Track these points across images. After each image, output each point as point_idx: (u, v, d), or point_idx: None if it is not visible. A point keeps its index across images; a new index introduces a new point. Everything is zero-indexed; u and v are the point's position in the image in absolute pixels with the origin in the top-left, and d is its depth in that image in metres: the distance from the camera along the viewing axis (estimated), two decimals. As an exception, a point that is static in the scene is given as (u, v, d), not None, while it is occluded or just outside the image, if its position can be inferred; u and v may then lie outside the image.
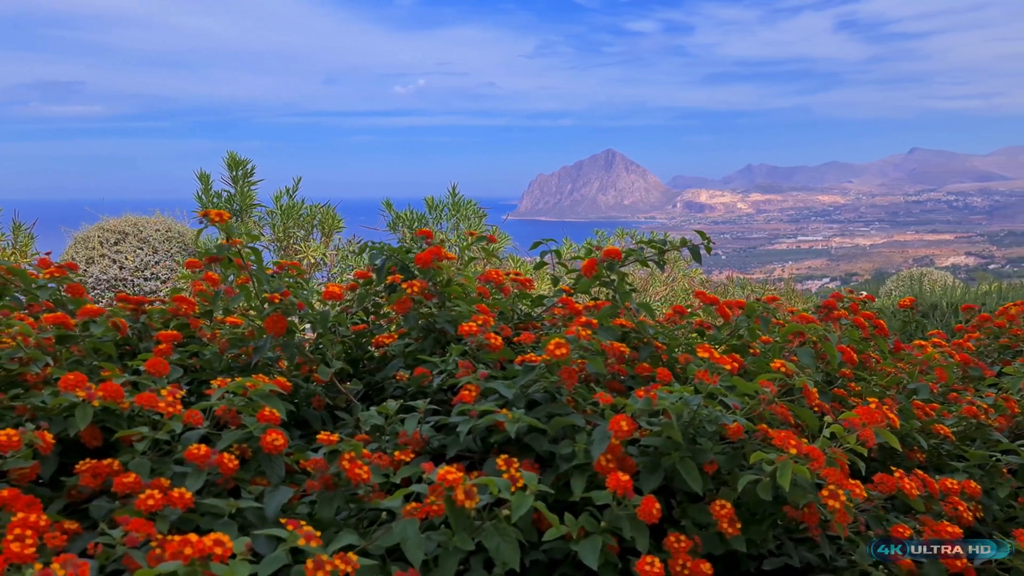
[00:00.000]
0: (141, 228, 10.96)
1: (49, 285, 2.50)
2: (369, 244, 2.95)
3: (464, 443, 2.09)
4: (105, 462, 1.97)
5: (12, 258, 10.42)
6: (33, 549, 1.49)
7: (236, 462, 1.90)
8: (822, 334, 2.31)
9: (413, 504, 1.78)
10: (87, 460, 1.97)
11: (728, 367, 2.01)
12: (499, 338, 2.26)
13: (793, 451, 1.76)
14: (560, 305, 2.72)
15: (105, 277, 10.25)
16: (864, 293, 3.26)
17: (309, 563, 1.58)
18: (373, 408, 2.23)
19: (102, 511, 1.90)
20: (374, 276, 2.92)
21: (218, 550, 1.46)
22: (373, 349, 2.85)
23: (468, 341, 2.28)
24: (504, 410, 2.02)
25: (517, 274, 2.90)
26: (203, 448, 1.87)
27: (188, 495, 1.75)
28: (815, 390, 2.05)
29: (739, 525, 1.89)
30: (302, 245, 11.14)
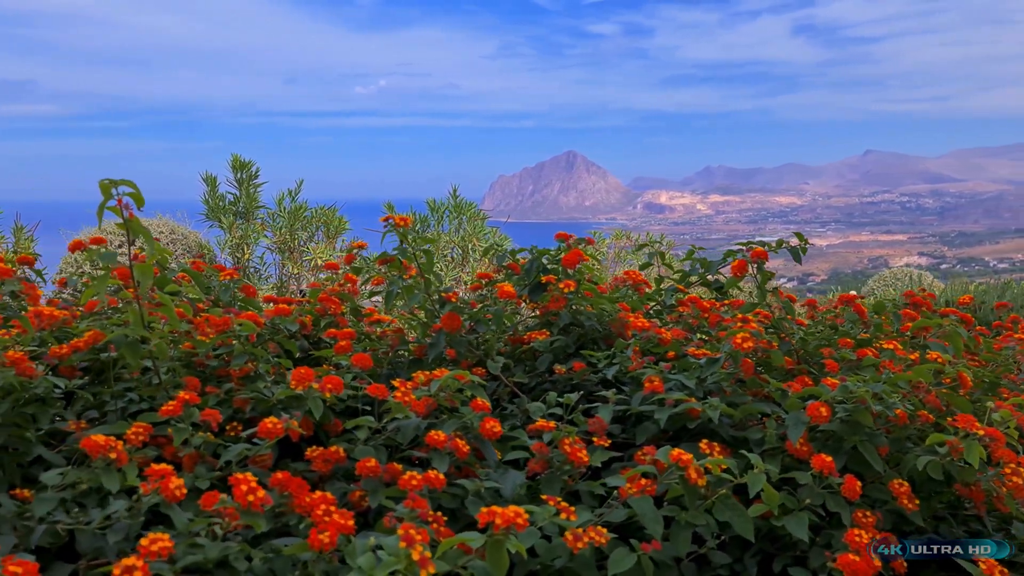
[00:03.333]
0: (144, 230, 10.93)
1: (228, 286, 2.65)
2: (494, 246, 3.12)
3: (652, 430, 2.28)
4: (332, 449, 2.14)
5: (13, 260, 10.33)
6: (352, 521, 1.66)
7: (468, 447, 2.08)
8: (953, 330, 2.54)
9: (640, 483, 1.96)
10: (316, 448, 2.15)
11: (912, 358, 2.23)
12: (668, 332, 2.46)
13: (981, 432, 1.99)
14: (688, 303, 2.93)
15: (111, 279, 10.24)
16: (929, 292, 3.50)
17: (568, 535, 1.77)
18: (555, 397, 2.41)
19: (339, 491, 2.07)
20: (497, 275, 3.09)
21: (519, 520, 1.63)
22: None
23: (640, 336, 2.48)
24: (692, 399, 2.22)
25: (637, 275, 3.10)
26: (441, 434, 2.05)
27: (441, 476, 1.92)
28: (971, 380, 2.28)
29: (917, 501, 2.11)
30: (308, 247, 11.22)
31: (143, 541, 1.47)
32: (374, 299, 3.06)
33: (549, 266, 2.91)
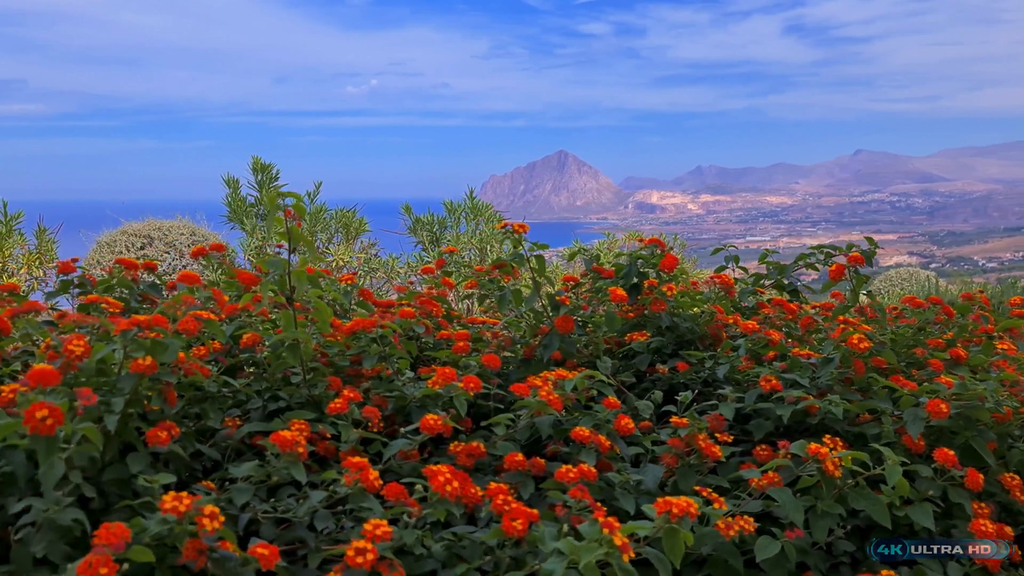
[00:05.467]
0: (166, 232, 11.09)
1: (348, 291, 2.77)
2: (581, 249, 3.25)
3: (768, 426, 2.42)
4: (474, 444, 2.26)
5: (36, 262, 10.47)
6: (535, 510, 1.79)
7: (609, 442, 2.21)
8: (1039, 329, 2.69)
9: (769, 475, 2.09)
10: (459, 443, 2.27)
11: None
12: (777, 333, 2.60)
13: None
14: (775, 305, 3.07)
15: (134, 280, 10.32)
16: (984, 296, 3.64)
17: (720, 523, 1.90)
18: (660, 395, 2.54)
19: (484, 482, 2.19)
20: (584, 280, 3.21)
21: (692, 509, 1.76)
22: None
23: (751, 337, 2.62)
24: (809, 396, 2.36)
25: (728, 279, 3.23)
26: (585, 430, 2.17)
27: (593, 470, 2.04)
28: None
29: (1030, 493, 2.25)
30: (329, 248, 11.32)
31: (367, 526, 1.59)
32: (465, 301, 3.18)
33: (642, 269, 3.04)
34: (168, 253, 10.95)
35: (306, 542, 1.81)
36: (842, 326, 2.55)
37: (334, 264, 10.95)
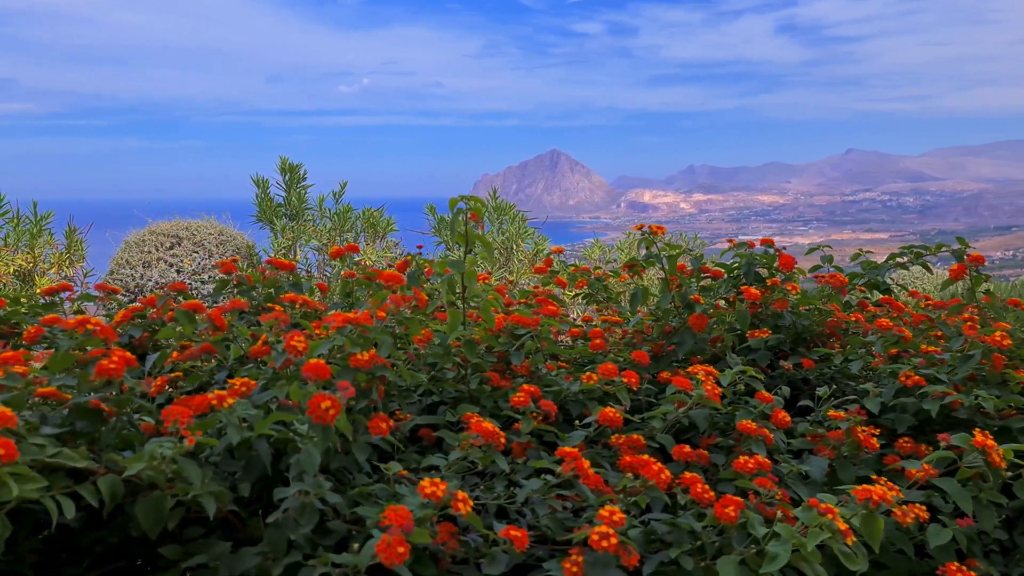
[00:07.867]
0: (195, 232, 11.14)
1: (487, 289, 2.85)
2: (689, 251, 3.33)
3: (909, 420, 2.51)
4: (635, 437, 2.34)
5: (66, 262, 10.52)
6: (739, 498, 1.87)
7: (772, 435, 2.30)
8: None
9: (926, 467, 2.18)
10: (620, 436, 2.35)
11: None
12: (907, 331, 2.69)
13: None
14: (884, 303, 3.16)
15: (164, 281, 10.40)
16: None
17: (897, 511, 1.98)
18: (787, 391, 2.63)
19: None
20: (691, 280, 3.30)
21: (888, 496, 1.84)
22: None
23: (885, 335, 2.71)
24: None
25: (842, 278, 3.31)
26: (752, 423, 2.26)
27: (768, 461, 2.12)
28: None
29: None
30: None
31: (603, 512, 1.67)
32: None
33: (756, 269, 3.13)
34: (196, 252, 11.02)
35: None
36: (969, 323, 2.64)
37: (363, 263, 11.05)
